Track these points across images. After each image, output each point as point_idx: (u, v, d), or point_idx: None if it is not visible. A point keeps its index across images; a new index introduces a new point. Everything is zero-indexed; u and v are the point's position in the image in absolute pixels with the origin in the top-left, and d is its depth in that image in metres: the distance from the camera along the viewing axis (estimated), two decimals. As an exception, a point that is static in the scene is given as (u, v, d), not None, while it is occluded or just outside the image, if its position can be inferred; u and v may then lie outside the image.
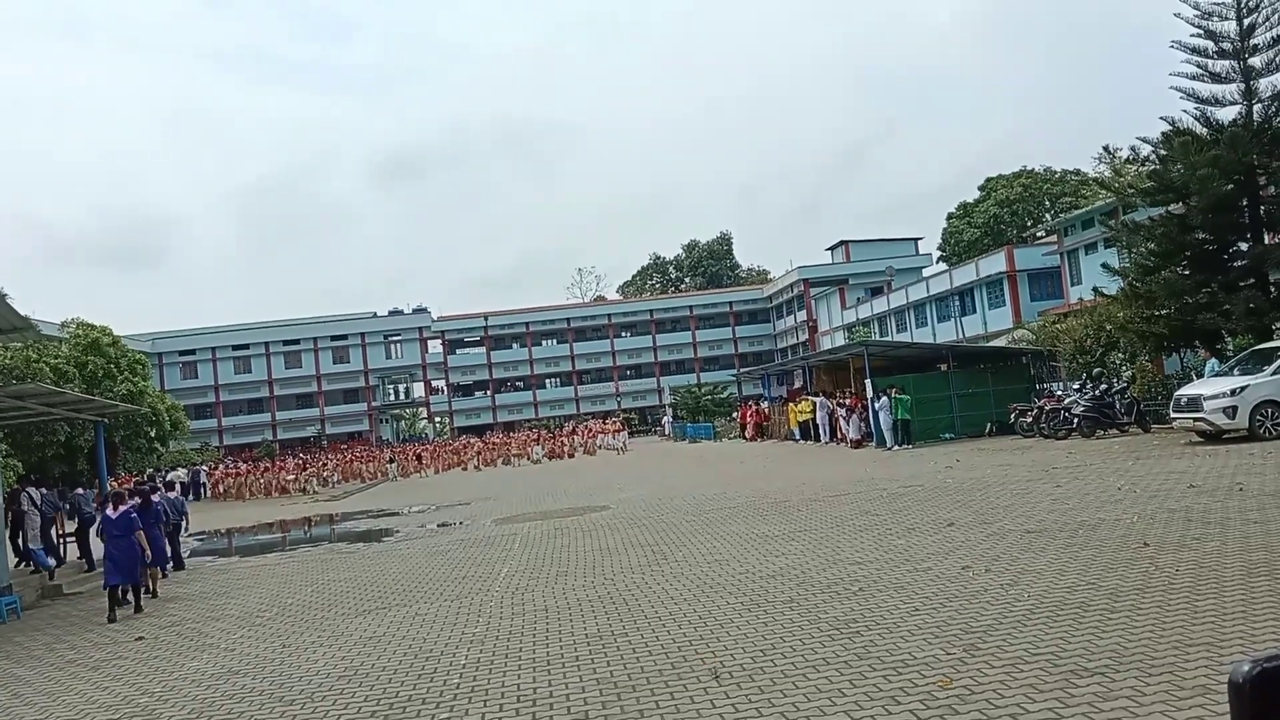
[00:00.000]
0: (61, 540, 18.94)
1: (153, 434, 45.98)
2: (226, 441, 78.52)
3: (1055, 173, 77.96)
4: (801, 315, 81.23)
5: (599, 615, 8.83)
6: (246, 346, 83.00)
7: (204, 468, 51.29)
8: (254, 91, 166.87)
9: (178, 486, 18.74)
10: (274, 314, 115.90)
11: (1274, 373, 18.16)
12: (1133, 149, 25.16)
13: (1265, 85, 22.50)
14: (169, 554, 16.09)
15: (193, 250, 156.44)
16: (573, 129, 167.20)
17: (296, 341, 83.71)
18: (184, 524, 19.59)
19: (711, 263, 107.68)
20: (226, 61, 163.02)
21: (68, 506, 19.66)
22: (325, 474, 46.47)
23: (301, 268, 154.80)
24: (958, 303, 56.99)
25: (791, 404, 38.22)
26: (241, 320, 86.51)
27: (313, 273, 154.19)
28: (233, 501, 40.90)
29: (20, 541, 17.35)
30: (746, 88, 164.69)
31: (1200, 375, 21.93)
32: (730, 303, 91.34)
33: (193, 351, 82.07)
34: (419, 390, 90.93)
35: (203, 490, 46.23)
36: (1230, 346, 23.34)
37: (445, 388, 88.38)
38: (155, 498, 15.70)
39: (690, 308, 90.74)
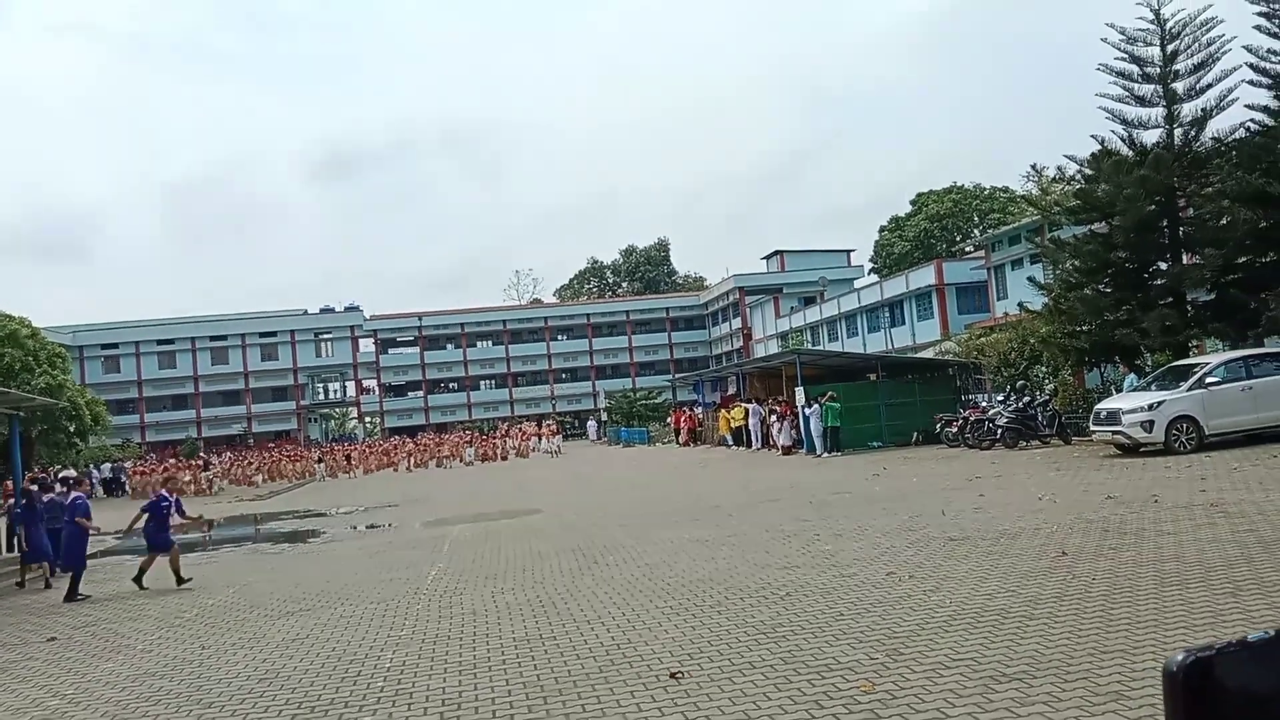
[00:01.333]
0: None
1: (72, 429, 44.73)
2: (149, 438, 76.54)
3: (985, 189, 79.81)
4: (736, 323, 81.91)
5: (528, 619, 8.79)
6: (171, 341, 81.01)
7: (125, 465, 49.89)
8: (183, 82, 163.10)
9: (70, 484, 18.78)
10: (202, 310, 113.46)
11: (1189, 389, 18.75)
12: (1059, 168, 25.89)
13: (1187, 110, 23.28)
14: (50, 551, 15.61)
15: (119, 245, 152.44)
16: (514, 130, 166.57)
17: (224, 338, 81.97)
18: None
19: (649, 269, 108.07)
20: (153, 50, 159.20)
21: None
22: (249, 473, 45.62)
23: (232, 264, 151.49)
24: (888, 314, 57.96)
25: (724, 410, 38.47)
26: (167, 315, 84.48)
27: (244, 270, 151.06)
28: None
29: None
30: (687, 97, 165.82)
31: (1120, 390, 22.58)
32: (667, 309, 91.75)
33: (115, 345, 79.86)
34: (350, 389, 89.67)
35: (123, 488, 45.00)
36: (1149, 362, 24.06)
37: (377, 387, 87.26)
38: (45, 497, 15.88)
39: (627, 313, 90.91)
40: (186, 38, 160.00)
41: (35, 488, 16.98)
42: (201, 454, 52.29)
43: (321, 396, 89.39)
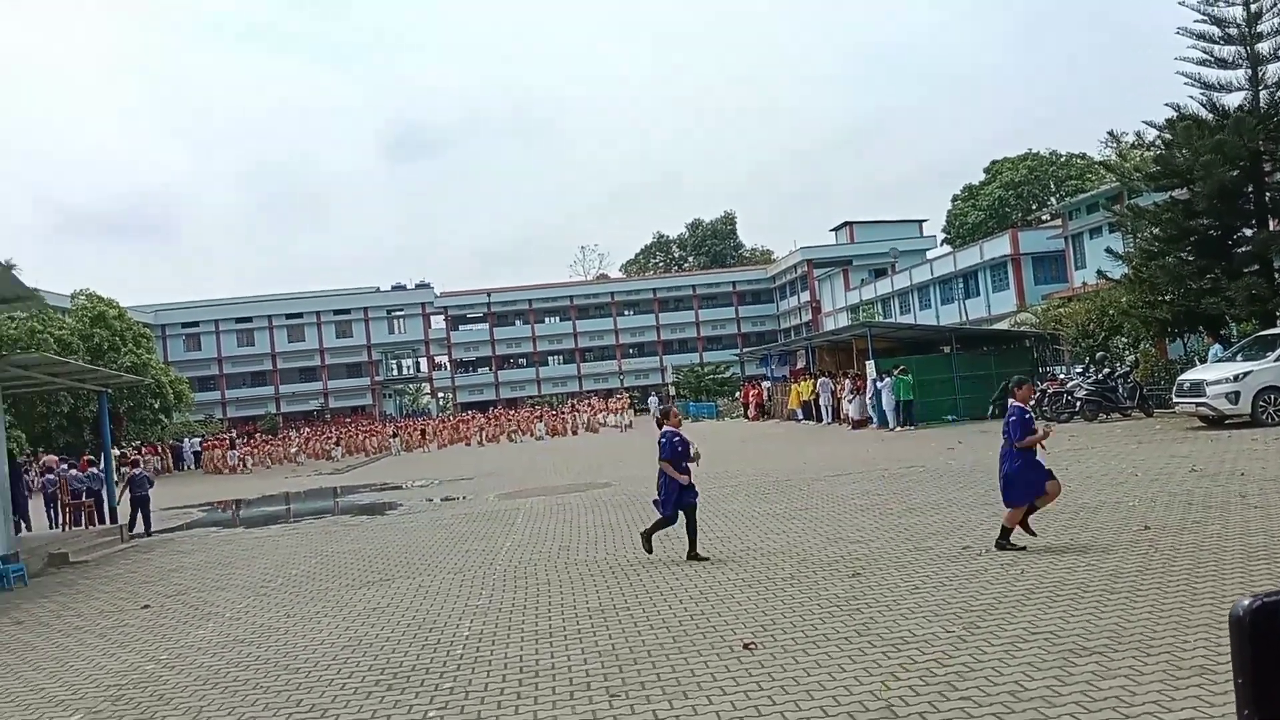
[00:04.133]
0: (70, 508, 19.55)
1: (157, 406, 46.25)
2: (230, 414, 78.61)
3: (1061, 156, 77.65)
4: (805, 296, 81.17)
5: (600, 589, 8.90)
6: (249, 319, 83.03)
7: (189, 441, 51.17)
8: (252, 63, 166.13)
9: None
10: (277, 288, 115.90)
11: (1277, 359, 18.17)
12: (1138, 134, 25.07)
13: (1272, 71, 22.40)
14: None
15: (197, 224, 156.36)
16: (580, 107, 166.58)
17: (299, 315, 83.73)
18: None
19: (715, 242, 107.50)
20: (225, 32, 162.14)
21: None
22: (327, 447, 46.69)
23: (306, 242, 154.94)
24: (962, 285, 56.89)
25: (795, 383, 38.24)
26: (245, 293, 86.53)
27: (317, 247, 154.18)
28: (221, 474, 41.00)
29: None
30: (754, 68, 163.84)
31: (1203, 360, 21.94)
32: (734, 282, 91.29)
33: (196, 324, 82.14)
34: (423, 366, 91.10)
35: (185, 463, 46.50)
36: (1234, 332, 23.32)
37: (448, 363, 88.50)
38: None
39: (693, 287, 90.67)
40: (259, 20, 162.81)
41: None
42: (224, 434, 53.57)
43: (395, 373, 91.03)
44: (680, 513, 10.12)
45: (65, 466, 21.78)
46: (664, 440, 10.36)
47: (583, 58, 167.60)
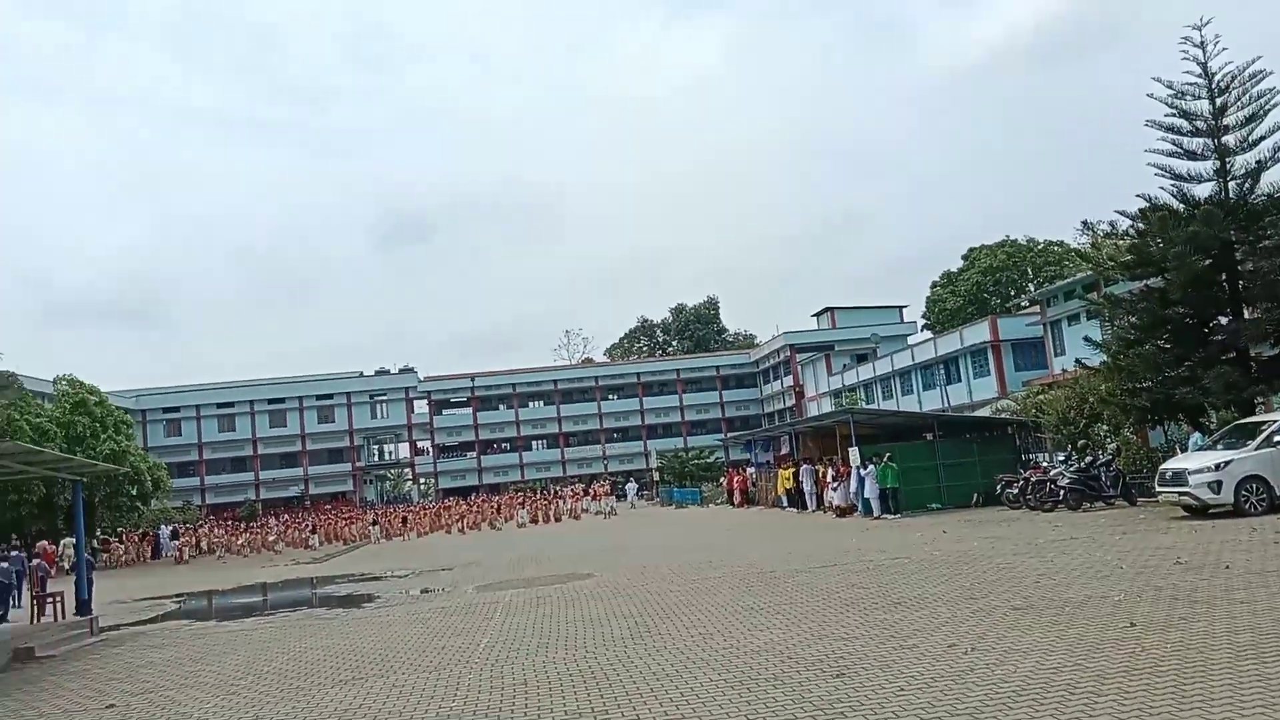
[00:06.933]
0: (38, 600, 19.23)
1: (134, 492, 45.59)
2: (209, 500, 77.74)
3: (1038, 243, 79.01)
4: (788, 380, 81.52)
5: (578, 691, 8.68)
6: (231, 405, 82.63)
7: (168, 528, 50.12)
8: (234, 152, 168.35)
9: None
10: (260, 372, 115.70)
11: (1258, 447, 18.23)
12: (1111, 224, 25.49)
13: (1239, 163, 22.94)
14: None
15: (181, 309, 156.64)
16: (563, 194, 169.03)
17: (281, 400, 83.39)
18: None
19: (699, 327, 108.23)
20: (203, 122, 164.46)
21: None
22: (304, 535, 46.03)
23: (288, 326, 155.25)
24: (943, 371, 57.29)
25: (782, 469, 38.07)
26: (226, 378, 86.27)
27: (299, 331, 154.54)
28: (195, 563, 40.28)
29: None
30: (736, 157, 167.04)
31: (1184, 449, 21.99)
32: (717, 367, 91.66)
33: (177, 409, 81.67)
34: (404, 450, 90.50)
35: (165, 551, 45.50)
36: (1213, 420, 23.44)
37: (431, 448, 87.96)
38: None
39: (677, 371, 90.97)
40: (233, 111, 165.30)
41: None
42: (185, 524, 52.84)
43: (377, 458, 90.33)
44: None
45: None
46: None
47: (569, 146, 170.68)
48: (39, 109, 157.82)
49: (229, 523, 57.20)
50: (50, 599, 19.13)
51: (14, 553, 24.14)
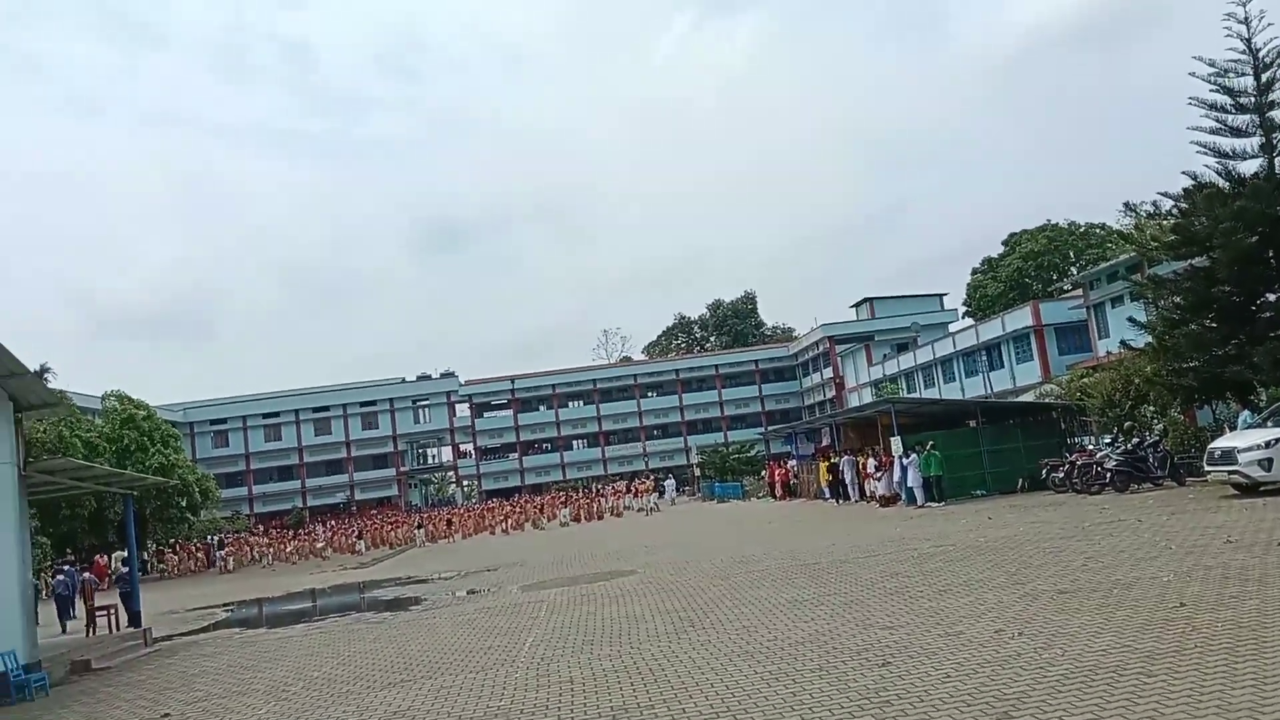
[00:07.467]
0: (90, 612, 19.64)
1: (183, 504, 46.40)
2: (257, 509, 78.82)
3: (1080, 226, 77.79)
4: (828, 372, 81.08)
5: (624, 687, 8.71)
6: (277, 415, 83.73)
7: (213, 538, 50.86)
8: (274, 165, 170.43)
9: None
10: (304, 381, 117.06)
11: (1309, 424, 17.86)
12: (1154, 204, 25.06)
13: (1286, 138, 22.44)
14: None
15: (226, 322, 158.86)
16: (602, 195, 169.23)
17: (326, 408, 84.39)
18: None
19: (736, 321, 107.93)
20: (243, 136, 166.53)
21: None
22: (351, 540, 46.56)
23: (331, 335, 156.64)
24: (985, 358, 56.65)
25: (823, 461, 37.86)
26: (272, 388, 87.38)
27: (342, 340, 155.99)
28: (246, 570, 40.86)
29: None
30: (772, 154, 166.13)
31: (1233, 427, 21.59)
32: (755, 361, 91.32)
33: (224, 421, 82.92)
34: (447, 454, 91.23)
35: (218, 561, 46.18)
36: (1263, 398, 22.99)
37: (473, 451, 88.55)
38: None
39: (716, 367, 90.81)
40: (273, 125, 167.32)
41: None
42: (234, 533, 53.62)
43: (420, 462, 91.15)
44: None
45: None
46: None
47: (603, 149, 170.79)
48: (89, 128, 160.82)
49: (276, 531, 57.96)
50: (103, 611, 19.51)
51: (68, 566, 24.65)
